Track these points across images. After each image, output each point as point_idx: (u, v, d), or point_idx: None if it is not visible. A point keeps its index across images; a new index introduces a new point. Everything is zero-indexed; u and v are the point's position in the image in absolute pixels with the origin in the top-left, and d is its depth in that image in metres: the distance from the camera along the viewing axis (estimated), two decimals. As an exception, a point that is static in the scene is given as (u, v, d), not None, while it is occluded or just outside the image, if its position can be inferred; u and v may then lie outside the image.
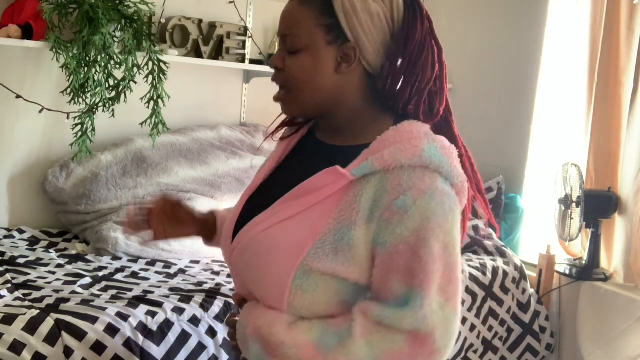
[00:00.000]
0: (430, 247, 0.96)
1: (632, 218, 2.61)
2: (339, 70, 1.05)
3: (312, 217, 1.02)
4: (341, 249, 0.99)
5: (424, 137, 1.03)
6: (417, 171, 0.99)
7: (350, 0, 1.02)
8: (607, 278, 2.69)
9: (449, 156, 1.03)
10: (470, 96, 3.45)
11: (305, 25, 1.04)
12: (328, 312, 1.03)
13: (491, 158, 3.31)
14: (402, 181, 0.98)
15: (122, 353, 1.79)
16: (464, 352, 2.62)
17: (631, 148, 2.65)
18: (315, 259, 1.00)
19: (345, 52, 1.04)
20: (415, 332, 0.96)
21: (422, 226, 0.96)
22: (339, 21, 1.03)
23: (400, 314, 0.96)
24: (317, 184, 1.03)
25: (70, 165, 2.63)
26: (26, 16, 2.39)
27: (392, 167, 0.99)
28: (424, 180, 0.98)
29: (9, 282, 2.03)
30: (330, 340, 0.99)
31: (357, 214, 0.99)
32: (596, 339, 2.63)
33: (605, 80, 2.69)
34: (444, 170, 1.00)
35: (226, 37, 2.92)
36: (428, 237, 0.96)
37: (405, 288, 0.96)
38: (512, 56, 3.24)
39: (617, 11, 2.64)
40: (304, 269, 1.00)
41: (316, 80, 1.06)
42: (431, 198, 0.97)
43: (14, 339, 1.66)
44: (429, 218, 0.96)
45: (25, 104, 2.45)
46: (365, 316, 0.98)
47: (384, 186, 0.99)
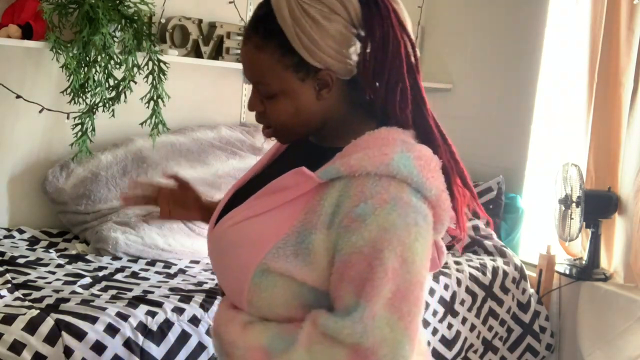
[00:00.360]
0: (383, 259, 0.91)
1: (632, 218, 2.61)
2: (320, 97, 1.02)
3: (279, 216, 1.00)
4: (300, 252, 0.96)
5: (399, 144, 0.99)
6: (383, 180, 0.95)
7: (306, 34, 0.96)
8: (607, 278, 2.69)
9: (422, 167, 0.97)
10: (470, 96, 3.45)
11: (272, 71, 1.00)
12: (289, 314, 1.00)
13: (491, 158, 3.31)
14: (365, 188, 0.94)
15: (122, 353, 1.79)
16: (464, 352, 2.62)
17: (631, 148, 2.65)
18: (274, 258, 0.97)
19: (321, 79, 1.01)
20: (357, 347, 0.90)
21: (378, 237, 0.91)
22: (303, 58, 0.98)
23: (341, 324, 0.91)
24: (285, 183, 1.01)
25: (70, 165, 2.63)
26: (26, 16, 2.39)
27: (359, 174, 0.96)
28: (389, 190, 0.94)
29: (9, 282, 2.03)
30: (279, 346, 0.96)
31: (319, 218, 0.96)
32: (596, 338, 2.63)
33: (605, 80, 2.69)
34: (413, 182, 0.95)
35: (226, 37, 2.92)
36: (383, 249, 0.91)
37: (354, 299, 0.92)
38: (512, 56, 3.23)
39: (617, 11, 2.64)
40: (263, 268, 0.98)
41: (302, 116, 1.03)
42: (392, 209, 0.92)
43: (14, 339, 1.66)
44: (387, 229, 0.92)
45: (25, 104, 2.45)
46: (313, 324, 0.95)
47: (347, 192, 0.95)
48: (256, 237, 1.00)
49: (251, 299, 1.01)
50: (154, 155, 2.74)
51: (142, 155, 2.73)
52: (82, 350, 1.73)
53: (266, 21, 0.99)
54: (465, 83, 3.49)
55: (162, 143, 2.78)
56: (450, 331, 2.56)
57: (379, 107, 1.04)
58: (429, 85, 3.61)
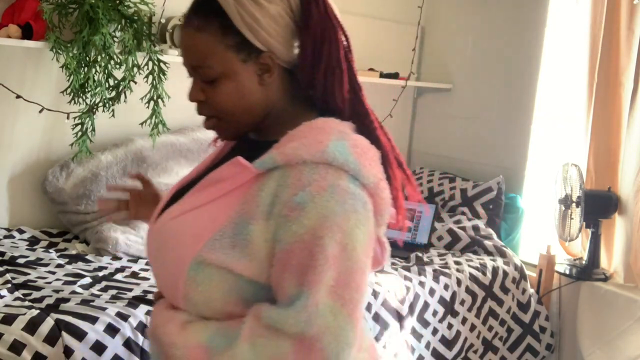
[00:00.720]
0: (324, 245, 0.90)
1: (632, 218, 2.62)
2: (262, 82, 1.02)
3: (217, 208, 0.99)
4: (237, 243, 0.95)
5: (335, 133, 0.98)
6: (320, 168, 0.94)
7: (249, 13, 0.97)
8: (607, 278, 2.69)
9: (359, 155, 0.97)
10: (470, 96, 3.46)
11: (213, 52, 0.99)
12: (227, 309, 0.99)
13: (491, 158, 3.31)
14: (302, 177, 0.93)
15: (122, 353, 1.79)
16: (464, 352, 2.62)
17: (631, 148, 2.65)
18: (210, 250, 0.96)
19: (263, 62, 1.01)
20: (301, 337, 0.89)
21: (318, 224, 0.91)
22: (245, 37, 0.98)
23: (284, 314, 0.90)
24: (222, 175, 1.01)
25: (70, 165, 2.63)
26: (26, 16, 2.39)
27: (295, 162, 0.95)
28: (326, 178, 0.93)
29: (9, 282, 2.03)
30: (220, 343, 0.94)
31: (257, 208, 0.95)
32: (596, 338, 2.63)
33: (605, 80, 2.69)
34: (350, 169, 0.95)
35: (226, 37, 2.91)
36: (323, 236, 0.90)
37: (297, 288, 0.91)
38: (512, 56, 3.24)
39: (617, 11, 2.64)
40: (198, 260, 0.96)
41: (244, 101, 1.02)
42: (331, 196, 0.92)
43: (14, 339, 1.66)
44: (327, 216, 0.91)
45: (25, 104, 2.45)
46: (256, 318, 0.93)
47: (285, 181, 0.94)
48: (193, 230, 0.99)
49: (187, 294, 0.99)
50: (154, 155, 2.74)
51: (142, 155, 2.73)
52: (82, 350, 1.73)
53: (207, 2, 1.00)
54: (465, 83, 3.49)
55: (162, 143, 2.78)
56: (450, 331, 2.56)
57: (319, 99, 1.05)
58: (429, 85, 3.62)
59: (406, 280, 2.48)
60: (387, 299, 2.39)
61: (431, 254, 2.83)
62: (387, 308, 2.38)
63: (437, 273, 2.58)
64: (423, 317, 2.49)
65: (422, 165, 3.63)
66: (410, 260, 2.72)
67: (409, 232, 2.94)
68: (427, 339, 2.50)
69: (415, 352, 2.47)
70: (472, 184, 3.22)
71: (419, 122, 3.80)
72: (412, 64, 3.63)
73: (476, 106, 3.42)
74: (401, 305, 2.42)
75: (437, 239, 2.96)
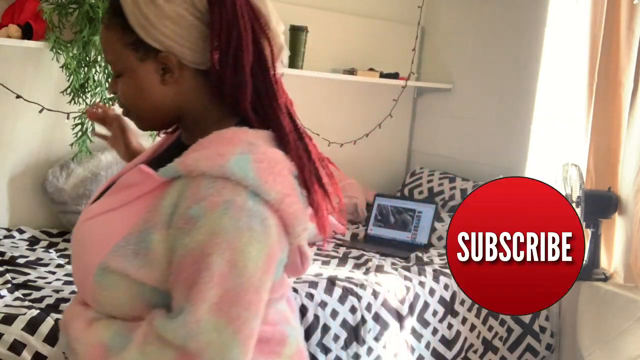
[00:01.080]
0: (210, 263, 0.89)
1: (632, 218, 2.62)
2: (164, 82, 1.01)
3: (125, 214, 0.98)
4: (140, 251, 0.94)
5: (242, 145, 0.95)
6: (218, 182, 0.91)
7: (142, 12, 0.97)
8: (607, 278, 2.69)
9: (262, 170, 0.93)
10: (470, 96, 3.46)
11: (115, 48, 1.01)
12: (135, 314, 0.98)
13: (491, 158, 3.31)
14: (199, 190, 0.91)
15: (122, 353, 1.79)
16: (464, 352, 2.62)
17: (631, 148, 2.65)
18: (114, 257, 0.95)
19: (162, 62, 0.99)
20: (183, 349, 0.88)
21: (208, 240, 0.89)
22: (140, 37, 0.98)
23: (170, 325, 0.90)
24: (130, 181, 1.00)
25: (70, 165, 2.63)
26: (26, 16, 2.39)
27: (195, 174, 0.93)
28: (222, 193, 0.91)
29: (9, 282, 2.03)
30: (118, 344, 0.94)
31: (159, 217, 0.94)
32: (596, 338, 2.63)
33: (605, 80, 2.69)
34: (250, 185, 0.92)
35: (226, 37, 2.91)
36: (211, 253, 0.89)
37: (183, 302, 0.90)
38: (512, 56, 3.24)
39: (617, 11, 2.64)
40: (103, 267, 0.96)
41: (145, 98, 1.02)
42: (224, 212, 0.90)
43: (14, 339, 1.66)
44: (217, 233, 0.89)
45: (25, 104, 2.45)
46: (149, 324, 0.93)
47: (184, 192, 0.93)
48: (101, 235, 0.98)
49: (94, 297, 0.99)
50: (154, 155, 2.74)
51: (142, 155, 2.73)
52: (82, 350, 1.73)
53: (114, 1, 1.01)
54: (465, 83, 3.49)
55: (162, 143, 2.78)
56: (450, 331, 2.56)
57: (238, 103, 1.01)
58: (429, 85, 3.62)
59: (406, 280, 2.48)
60: (387, 299, 2.39)
61: (431, 254, 2.83)
62: (387, 308, 2.38)
63: (437, 273, 2.58)
64: (423, 317, 2.49)
65: (422, 165, 3.63)
66: (410, 260, 2.72)
67: (409, 232, 2.95)
68: (427, 339, 2.50)
69: (415, 352, 2.47)
70: (472, 184, 3.22)
71: (419, 122, 3.80)
72: (412, 64, 3.63)
73: (476, 106, 3.42)
74: (401, 305, 2.42)
75: (437, 239, 2.96)
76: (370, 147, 3.60)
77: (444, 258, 2.77)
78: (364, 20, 3.49)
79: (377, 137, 3.59)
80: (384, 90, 3.54)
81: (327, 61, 3.36)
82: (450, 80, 3.56)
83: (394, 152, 3.81)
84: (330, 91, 3.46)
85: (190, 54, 0.99)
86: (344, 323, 2.28)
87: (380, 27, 3.54)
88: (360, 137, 3.54)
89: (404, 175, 3.75)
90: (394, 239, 2.96)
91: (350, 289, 2.34)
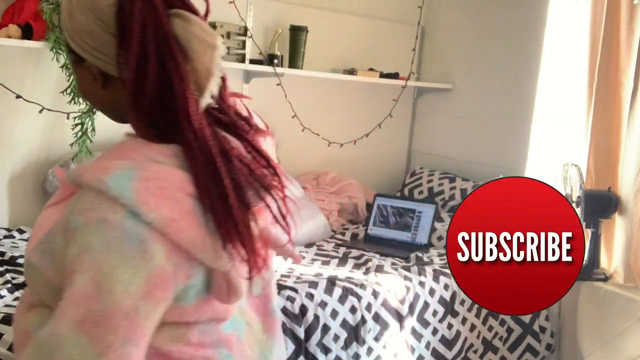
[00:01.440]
0: (74, 280, 0.85)
1: (632, 218, 2.62)
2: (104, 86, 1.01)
3: (52, 212, 0.98)
4: (50, 251, 0.93)
5: (137, 161, 0.91)
6: (98, 196, 0.87)
7: (67, 24, 0.99)
8: (607, 278, 2.69)
9: (144, 189, 0.87)
10: (470, 96, 3.46)
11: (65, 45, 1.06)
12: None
13: (491, 158, 3.31)
14: (82, 202, 0.89)
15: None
16: (464, 352, 2.62)
17: (631, 148, 2.65)
18: (34, 252, 0.96)
19: (89, 70, 1.00)
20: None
21: (77, 255, 0.86)
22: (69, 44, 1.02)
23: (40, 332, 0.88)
24: (60, 180, 1.02)
25: (70, 165, 2.62)
26: (26, 16, 2.39)
27: (83, 184, 0.90)
28: (98, 208, 0.87)
29: (9, 282, 2.03)
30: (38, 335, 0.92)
31: (62, 222, 0.92)
32: (596, 338, 2.63)
33: (605, 80, 2.69)
34: (127, 204, 0.86)
35: (226, 37, 2.92)
36: (76, 270, 0.86)
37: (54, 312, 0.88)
38: (512, 56, 3.24)
39: (617, 11, 2.65)
40: (27, 258, 0.97)
41: (90, 96, 1.06)
42: (96, 229, 0.86)
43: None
44: (86, 250, 0.86)
45: (25, 104, 2.45)
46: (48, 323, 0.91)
47: (75, 202, 0.91)
48: (37, 228, 0.99)
49: (28, 284, 1.01)
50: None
51: (142, 155, 2.73)
52: (82, 350, 1.73)
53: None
54: (465, 83, 3.49)
55: (162, 143, 2.78)
56: (450, 331, 2.56)
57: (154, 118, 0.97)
58: (429, 85, 3.62)
59: (406, 280, 2.48)
60: (387, 299, 2.39)
61: (431, 254, 2.83)
62: (387, 308, 2.38)
63: (437, 273, 2.58)
64: (423, 317, 2.49)
65: (422, 165, 3.63)
66: (410, 260, 2.72)
67: (409, 232, 2.95)
68: (427, 339, 2.50)
69: (415, 352, 2.47)
70: (472, 184, 3.22)
71: (419, 122, 3.80)
72: (412, 64, 3.63)
73: (476, 106, 3.42)
74: (401, 305, 2.42)
75: (437, 239, 2.96)
76: (370, 147, 3.60)
77: (444, 258, 2.77)
78: (364, 20, 3.49)
79: (377, 137, 3.60)
80: (384, 90, 3.54)
81: (327, 61, 3.36)
82: (450, 80, 3.56)
83: (394, 152, 3.81)
84: (330, 91, 3.46)
85: (111, 68, 0.98)
86: (344, 323, 2.28)
87: (380, 27, 3.54)
88: (360, 137, 3.54)
89: (404, 175, 3.75)
90: (394, 239, 2.96)
91: (350, 289, 2.34)
